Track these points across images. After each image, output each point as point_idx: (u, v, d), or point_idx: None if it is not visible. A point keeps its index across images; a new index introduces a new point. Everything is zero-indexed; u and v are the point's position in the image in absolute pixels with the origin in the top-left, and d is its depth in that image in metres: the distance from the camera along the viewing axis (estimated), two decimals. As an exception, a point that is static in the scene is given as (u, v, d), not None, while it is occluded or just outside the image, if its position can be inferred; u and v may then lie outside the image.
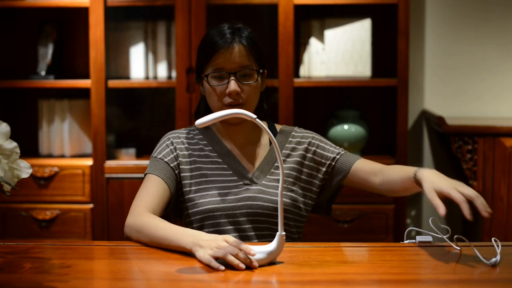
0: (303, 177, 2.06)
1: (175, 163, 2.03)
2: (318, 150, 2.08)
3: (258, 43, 2.05)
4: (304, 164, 2.07)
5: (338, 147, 2.11)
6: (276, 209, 1.96)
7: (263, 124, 1.63)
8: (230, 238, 1.67)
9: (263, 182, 2.03)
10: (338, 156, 2.07)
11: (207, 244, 1.67)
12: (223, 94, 1.99)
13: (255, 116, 1.64)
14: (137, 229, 1.86)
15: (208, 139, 2.08)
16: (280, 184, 1.65)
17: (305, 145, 2.08)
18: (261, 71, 2.04)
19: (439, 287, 1.53)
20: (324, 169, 2.07)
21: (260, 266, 1.64)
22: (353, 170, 2.05)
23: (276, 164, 2.05)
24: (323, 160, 2.07)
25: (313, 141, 2.09)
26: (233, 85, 1.98)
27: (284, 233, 1.66)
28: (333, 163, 2.06)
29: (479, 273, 1.60)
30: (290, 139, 2.09)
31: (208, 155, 2.05)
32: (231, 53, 1.98)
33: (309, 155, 2.07)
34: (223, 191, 2.00)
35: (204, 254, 1.65)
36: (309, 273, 1.61)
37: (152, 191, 1.96)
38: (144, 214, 1.89)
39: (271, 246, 1.66)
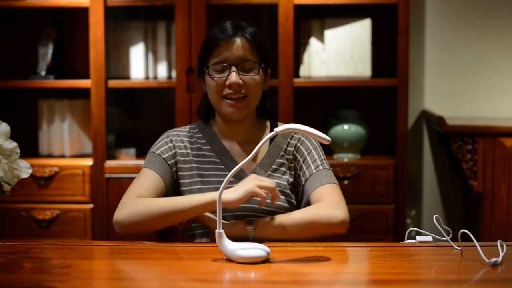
0: (292, 179, 2.03)
1: (173, 161, 2.02)
2: (302, 164, 2.02)
3: (261, 40, 2.03)
4: (292, 168, 2.04)
5: (317, 161, 2.01)
6: (270, 212, 1.93)
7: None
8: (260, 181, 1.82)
9: None
10: (308, 176, 1.99)
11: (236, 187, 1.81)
12: (223, 86, 1.97)
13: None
14: (139, 214, 1.84)
15: (207, 138, 2.06)
16: (220, 188, 1.65)
17: (295, 152, 2.04)
18: (262, 65, 2.01)
19: (439, 287, 1.53)
20: (302, 182, 2.01)
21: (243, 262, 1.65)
22: (310, 198, 1.97)
23: (274, 166, 2.03)
24: (302, 177, 2.01)
25: (301, 148, 2.04)
26: (234, 76, 1.96)
27: (222, 231, 1.66)
28: (304, 183, 2.00)
29: (480, 273, 1.60)
30: (289, 140, 2.05)
31: (206, 154, 2.04)
32: (232, 46, 1.97)
33: (295, 164, 2.04)
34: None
35: (234, 194, 1.80)
36: (308, 273, 1.61)
37: (146, 184, 1.95)
38: (138, 199, 1.88)
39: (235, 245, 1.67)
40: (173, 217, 1.85)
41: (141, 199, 1.89)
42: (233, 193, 1.83)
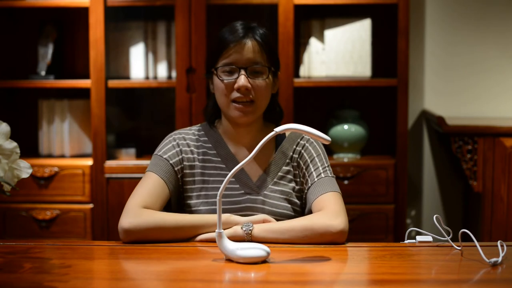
0: (298, 186, 2.01)
1: (180, 166, 1.98)
2: (304, 172, 2.00)
3: (272, 42, 1.99)
4: (297, 175, 2.02)
5: (320, 168, 1.98)
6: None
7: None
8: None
9: (265, 192, 1.98)
10: (310, 185, 1.96)
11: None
12: (232, 88, 1.94)
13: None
14: (147, 226, 1.82)
15: (213, 142, 2.02)
16: (220, 188, 1.64)
17: (299, 159, 2.01)
18: (273, 69, 1.98)
19: (439, 287, 1.53)
20: (305, 190, 2.00)
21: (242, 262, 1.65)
22: (312, 206, 1.96)
23: (280, 173, 2.00)
24: (304, 185, 2.00)
25: (305, 155, 2.01)
26: (243, 79, 1.92)
27: (222, 231, 1.66)
28: (307, 191, 1.98)
29: (480, 273, 1.60)
30: (294, 147, 2.03)
31: (212, 160, 2.01)
32: (242, 48, 1.94)
33: (299, 171, 2.02)
34: (223, 200, 1.94)
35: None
36: (308, 273, 1.61)
37: (151, 189, 1.91)
38: (146, 211, 1.86)
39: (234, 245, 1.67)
40: (181, 234, 1.85)
41: (149, 211, 1.86)
42: (245, 217, 1.87)
